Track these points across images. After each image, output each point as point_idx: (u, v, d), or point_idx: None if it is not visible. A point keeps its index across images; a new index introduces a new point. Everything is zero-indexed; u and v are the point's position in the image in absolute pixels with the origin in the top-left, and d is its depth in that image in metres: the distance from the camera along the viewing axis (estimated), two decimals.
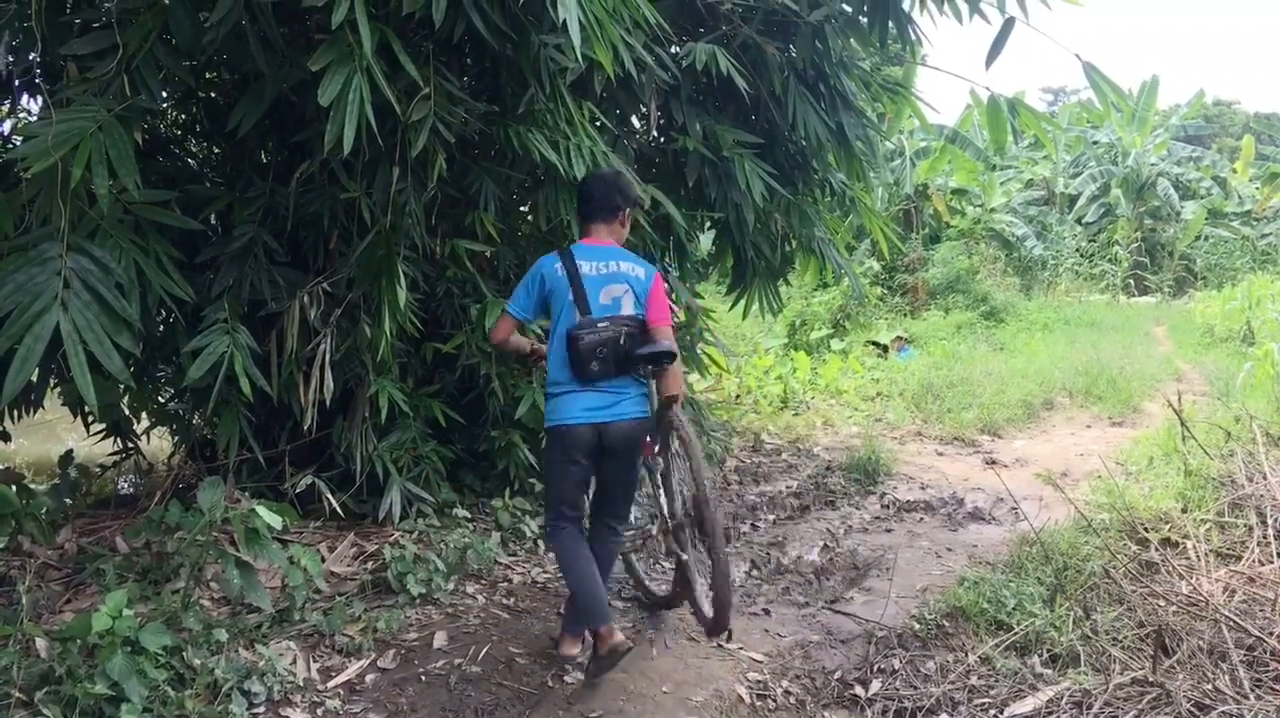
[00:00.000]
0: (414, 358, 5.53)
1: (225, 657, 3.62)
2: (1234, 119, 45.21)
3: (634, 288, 3.94)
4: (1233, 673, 3.69)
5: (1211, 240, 28.32)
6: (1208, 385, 11.41)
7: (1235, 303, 17.27)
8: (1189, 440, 6.70)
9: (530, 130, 4.88)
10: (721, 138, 6.08)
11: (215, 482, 4.00)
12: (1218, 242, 28.20)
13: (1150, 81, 28.76)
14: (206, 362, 4.22)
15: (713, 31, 6.10)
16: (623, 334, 3.83)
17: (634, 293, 3.94)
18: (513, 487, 5.76)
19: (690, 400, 7.53)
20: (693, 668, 4.07)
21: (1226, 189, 30.23)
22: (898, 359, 13.89)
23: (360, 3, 3.61)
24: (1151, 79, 28.77)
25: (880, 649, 4.24)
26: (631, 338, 3.86)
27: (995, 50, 6.15)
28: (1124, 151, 29.16)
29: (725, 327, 13.02)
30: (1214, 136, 40.38)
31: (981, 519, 6.50)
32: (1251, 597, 4.47)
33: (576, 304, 3.84)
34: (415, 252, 5.04)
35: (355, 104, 3.73)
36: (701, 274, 8.01)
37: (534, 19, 4.46)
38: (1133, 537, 5.35)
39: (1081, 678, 3.76)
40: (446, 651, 4.11)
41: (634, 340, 3.86)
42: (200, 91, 5.40)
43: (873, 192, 9.64)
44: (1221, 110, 46.09)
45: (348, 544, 5.07)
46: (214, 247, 4.80)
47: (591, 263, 3.92)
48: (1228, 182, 30.37)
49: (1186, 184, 29.47)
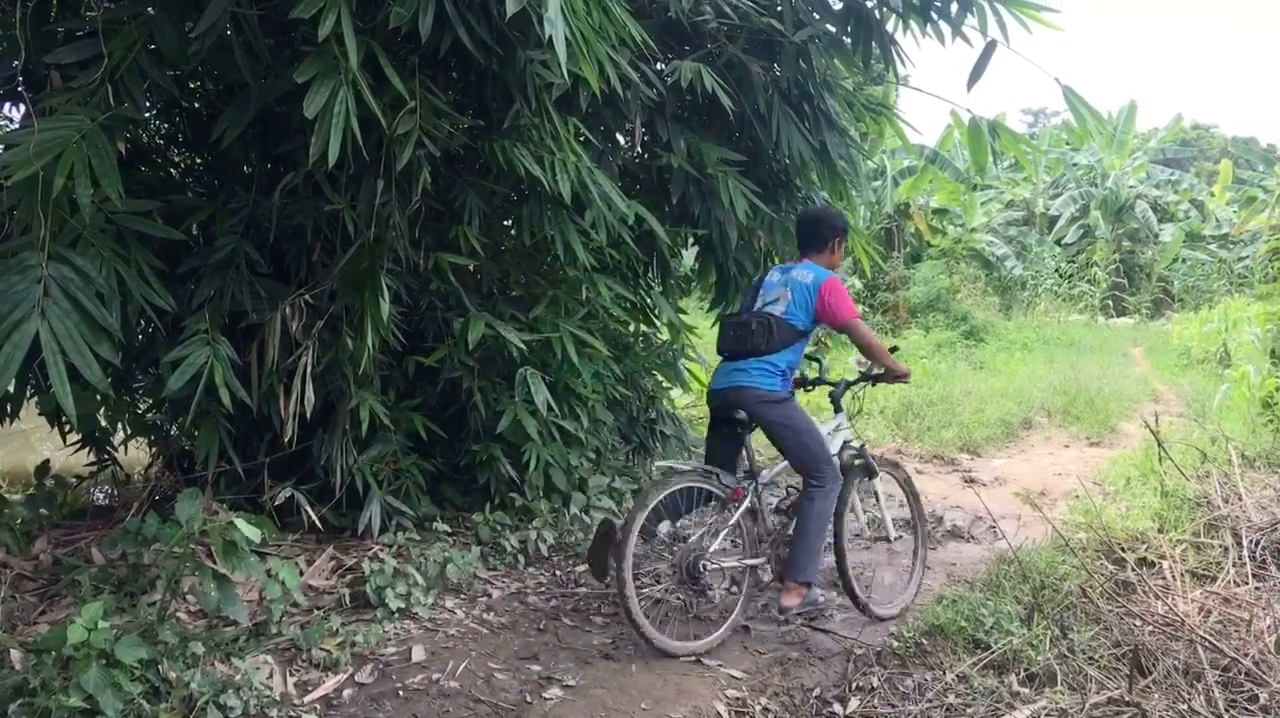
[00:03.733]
0: (396, 371, 5.52)
1: (201, 670, 3.58)
2: (1212, 143, 45.71)
3: (795, 291, 4.75)
4: (1208, 694, 3.71)
5: (1189, 263, 28.63)
6: (1184, 407, 11.51)
7: (1212, 325, 17.44)
8: (1166, 461, 6.74)
9: (515, 145, 4.88)
10: (706, 155, 6.11)
11: (193, 493, 3.97)
12: (1195, 264, 28.51)
13: (1128, 106, 29.11)
14: (186, 372, 4.20)
15: (698, 50, 6.13)
16: (756, 322, 4.67)
17: (793, 294, 4.74)
18: (493, 501, 5.74)
19: (672, 416, 7.55)
20: (671, 685, 4.06)
21: (1204, 212, 30.58)
22: None
23: (347, 15, 3.62)
24: (1129, 103, 29.12)
25: (859, 667, 4.24)
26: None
27: (977, 72, 6.23)
28: (1103, 174, 29.49)
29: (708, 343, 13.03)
30: (1192, 160, 40.82)
31: (960, 538, 6.52)
32: (1227, 618, 4.49)
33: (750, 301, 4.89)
34: (398, 265, 5.03)
35: (340, 116, 3.73)
36: (684, 290, 8.02)
37: (520, 34, 4.47)
38: (1109, 557, 5.37)
39: (1058, 697, 3.77)
40: (425, 665, 4.09)
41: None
42: (184, 102, 5.39)
43: (855, 210, 9.68)
44: (1200, 134, 46.61)
45: (326, 558, 5.05)
46: (196, 257, 4.77)
47: (780, 274, 4.90)
48: (1205, 205, 30.72)
49: (1164, 207, 29.82)
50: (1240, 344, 14.44)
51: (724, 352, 4.80)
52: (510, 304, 5.75)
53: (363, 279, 4.55)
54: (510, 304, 5.75)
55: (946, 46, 6.34)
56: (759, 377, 4.63)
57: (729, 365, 4.74)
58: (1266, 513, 5.64)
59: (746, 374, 4.64)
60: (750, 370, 4.64)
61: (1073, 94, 6.39)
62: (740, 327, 4.70)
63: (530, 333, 5.53)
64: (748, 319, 4.70)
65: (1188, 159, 40.27)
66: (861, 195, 15.17)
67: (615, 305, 6.23)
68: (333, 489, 5.12)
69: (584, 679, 4.05)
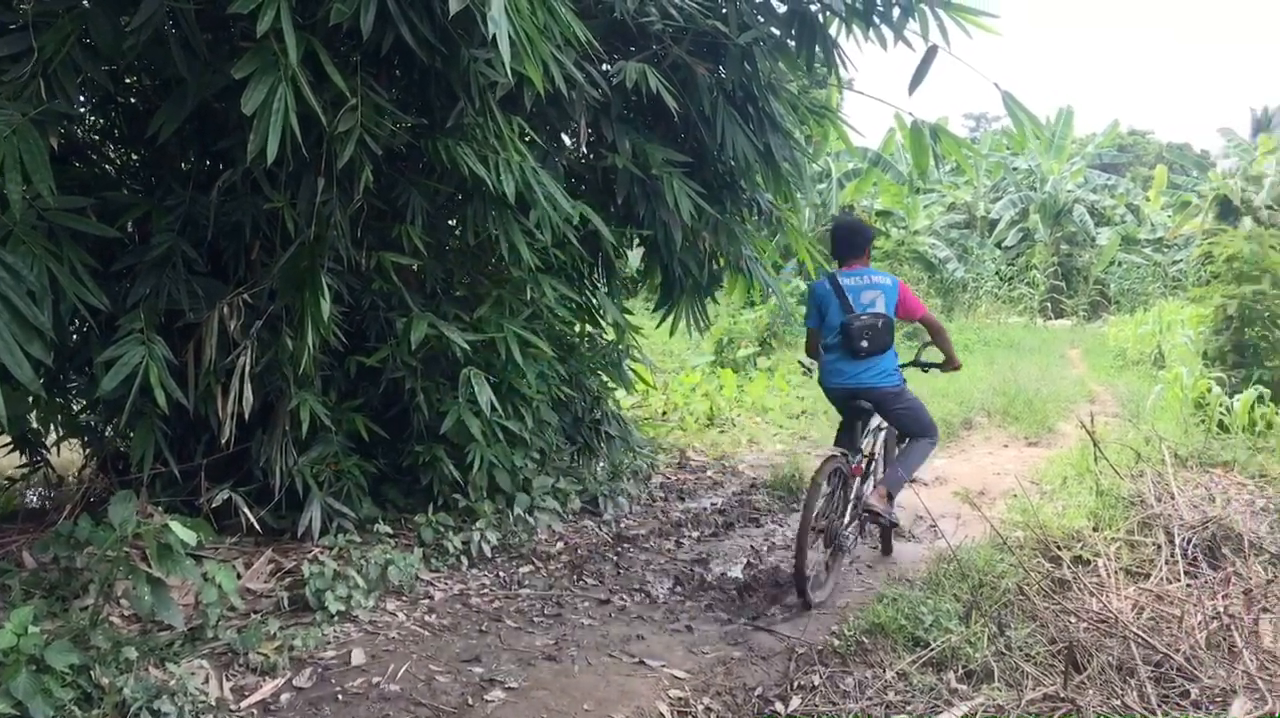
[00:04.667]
0: (337, 371, 5.46)
1: (135, 676, 3.53)
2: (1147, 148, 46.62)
3: (884, 294, 5.39)
4: (1140, 689, 3.79)
5: (1125, 266, 29.21)
6: (1120, 407, 11.72)
7: (1146, 327, 17.80)
8: (1101, 461, 6.87)
9: (459, 144, 4.85)
10: (651, 156, 6.12)
11: (127, 496, 3.90)
12: (1131, 267, 29.10)
13: (1066, 111, 29.65)
14: (120, 372, 4.12)
15: (643, 50, 6.14)
16: (880, 322, 5.30)
17: (884, 297, 5.39)
18: (436, 502, 5.70)
19: (617, 416, 7.55)
20: (614, 686, 4.06)
21: (1139, 216, 31.24)
22: None
23: (286, 11, 3.57)
24: (1067, 109, 29.66)
25: (801, 666, 4.27)
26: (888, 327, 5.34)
27: (918, 77, 6.31)
28: (1042, 178, 30.00)
29: (653, 343, 13.04)
30: (1128, 165, 41.61)
31: (901, 537, 6.59)
32: (1159, 614, 4.59)
33: (843, 307, 5.34)
34: (340, 264, 4.98)
35: (279, 113, 3.68)
36: (630, 291, 8.03)
37: (464, 33, 4.44)
38: (1046, 555, 5.47)
39: (995, 694, 3.83)
40: (365, 669, 4.05)
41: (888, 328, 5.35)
42: (120, 97, 5.28)
43: (800, 212, 9.75)
44: (1136, 140, 47.52)
45: (265, 561, 4.98)
46: (131, 255, 4.68)
47: (852, 279, 5.43)
48: (1141, 209, 31.39)
49: (1101, 211, 30.42)
50: (1174, 346, 14.75)
51: (857, 352, 5.30)
52: (454, 304, 5.71)
53: (303, 278, 4.50)
54: (454, 304, 5.71)
55: (889, 51, 6.41)
56: (885, 378, 5.37)
57: (857, 365, 5.34)
58: (1198, 511, 5.77)
59: (873, 374, 5.35)
60: (875, 370, 5.34)
61: (1011, 99, 6.49)
62: (869, 329, 5.26)
63: (474, 333, 5.50)
64: (872, 321, 5.27)
65: (1124, 164, 41.06)
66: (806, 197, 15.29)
67: (560, 306, 6.22)
68: (272, 491, 5.05)
69: (526, 681, 4.04)
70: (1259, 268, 10.06)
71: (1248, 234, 10.97)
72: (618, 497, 7.00)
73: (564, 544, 6.01)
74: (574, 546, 6.02)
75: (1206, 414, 9.35)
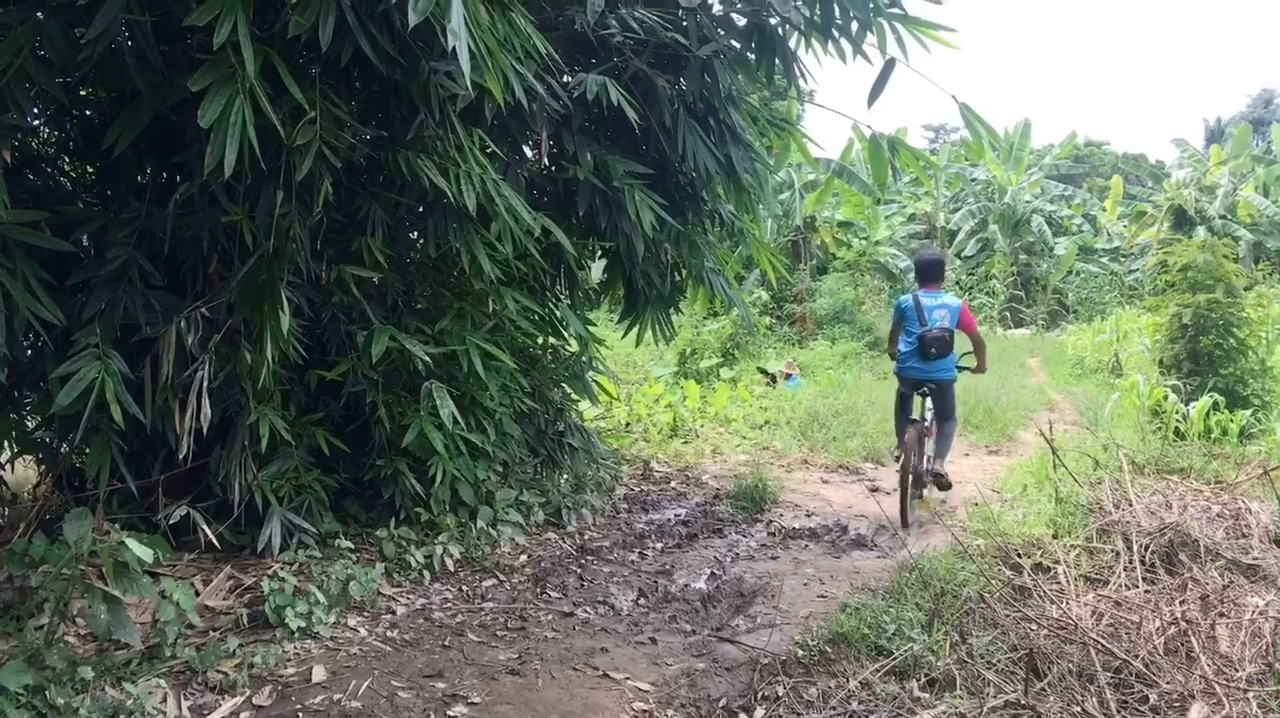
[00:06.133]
0: (297, 385, 5.41)
1: (91, 696, 3.48)
2: (1104, 159, 47.37)
3: (950, 313, 7.34)
4: (1100, 695, 3.83)
5: (1082, 275, 29.65)
6: (1079, 415, 11.87)
7: (1104, 336, 18.05)
8: (1060, 469, 6.95)
9: (419, 156, 4.84)
10: (612, 168, 6.13)
11: (83, 513, 3.85)
12: (1088, 277, 29.54)
13: (1023, 123, 30.13)
14: (76, 388, 4.07)
15: (604, 63, 6.16)
16: (947, 335, 7.31)
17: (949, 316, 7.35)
18: (398, 516, 5.67)
19: (580, 428, 7.54)
20: (578, 699, 4.05)
21: (1096, 226, 31.71)
22: (785, 388, 14.10)
23: (244, 24, 3.55)
24: (1024, 121, 30.14)
25: (765, 676, 4.28)
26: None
27: (877, 89, 6.37)
28: (1000, 189, 30.36)
29: (617, 354, 13.07)
30: (1085, 176, 42.26)
31: (864, 546, 6.63)
32: (1118, 620, 4.64)
33: (920, 321, 7.31)
34: (300, 277, 4.95)
35: (237, 126, 3.66)
36: (593, 302, 8.03)
37: (424, 45, 4.44)
38: (1007, 562, 5.51)
39: (957, 702, 3.85)
40: (325, 686, 4.01)
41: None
42: (75, 109, 5.22)
43: (761, 223, 9.83)
44: (1092, 151, 48.26)
45: (224, 577, 4.93)
46: (86, 269, 4.62)
47: (929, 299, 7.38)
48: (1098, 219, 31.87)
49: (1059, 221, 30.86)
50: (1131, 354, 14.97)
51: (928, 356, 7.30)
52: (415, 317, 5.69)
53: (262, 292, 4.46)
54: (415, 317, 5.69)
55: (848, 64, 6.47)
56: (945, 373, 7.46)
57: (927, 364, 7.36)
58: (1155, 518, 5.84)
59: (938, 371, 7.41)
60: (940, 368, 7.40)
61: (969, 111, 6.57)
62: (938, 340, 7.27)
63: (436, 346, 5.48)
64: (940, 334, 7.27)
65: (1081, 175, 41.70)
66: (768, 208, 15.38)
67: (522, 318, 6.22)
68: (231, 507, 5.00)
69: (489, 696, 4.02)
70: (1213, 277, 10.23)
71: (1201, 243, 11.14)
72: (581, 509, 6.99)
73: (527, 557, 5.99)
74: (537, 558, 6.00)
75: (1163, 422, 9.49)
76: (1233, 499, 6.47)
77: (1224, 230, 26.14)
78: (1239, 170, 28.82)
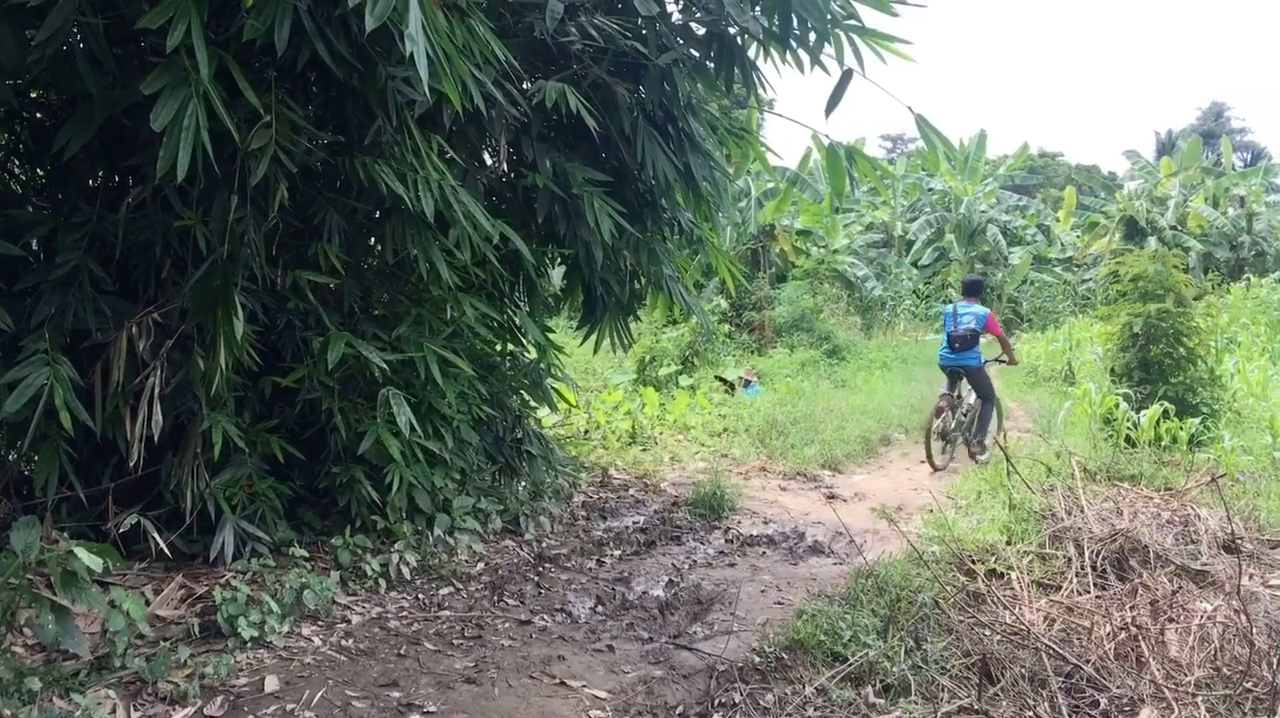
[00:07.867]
0: (251, 392, 5.36)
1: (39, 707, 3.42)
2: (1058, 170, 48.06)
3: (976, 318, 9.53)
4: (1052, 699, 3.88)
5: (1036, 284, 30.04)
6: (1032, 423, 12.03)
7: (1057, 344, 18.32)
8: (1013, 476, 7.03)
9: (377, 162, 4.81)
10: (571, 175, 6.12)
11: (31, 521, 3.77)
12: (1042, 286, 29.94)
13: (979, 134, 30.49)
14: (24, 394, 4.01)
15: (563, 70, 6.15)
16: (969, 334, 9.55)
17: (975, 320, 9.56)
18: (354, 524, 5.62)
19: (538, 435, 7.52)
20: (535, 707, 4.04)
21: (1050, 236, 32.19)
22: (744, 396, 14.15)
23: (197, 27, 3.52)
24: (980, 132, 30.52)
25: (721, 683, 4.29)
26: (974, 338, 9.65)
27: (834, 100, 6.41)
28: (956, 199, 30.72)
29: (576, 362, 13.05)
30: (1039, 187, 42.85)
31: (821, 553, 6.67)
32: (1070, 626, 4.71)
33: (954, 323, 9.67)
34: (255, 282, 4.90)
35: (191, 130, 3.62)
36: (552, 309, 8.02)
37: (381, 50, 4.41)
38: (961, 568, 5.57)
39: (912, 707, 3.89)
40: (278, 696, 3.97)
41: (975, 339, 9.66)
42: (25, 112, 5.15)
43: (720, 231, 9.89)
44: (1046, 162, 48.96)
45: (175, 586, 4.86)
46: (35, 273, 4.55)
47: (963, 308, 9.65)
48: (1051, 229, 32.36)
49: (1014, 231, 31.29)
50: (1083, 363, 15.19)
51: (954, 348, 9.60)
52: (372, 323, 5.65)
53: (215, 297, 4.41)
54: (372, 323, 5.65)
55: (805, 74, 6.51)
56: (971, 360, 9.63)
57: (956, 354, 9.62)
58: (1106, 524, 5.93)
59: (964, 359, 9.63)
60: (966, 357, 9.61)
61: (925, 122, 6.63)
62: (961, 338, 9.52)
63: (393, 352, 5.44)
64: (964, 333, 9.50)
65: (1035, 185, 42.27)
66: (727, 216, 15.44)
67: (481, 324, 6.19)
68: (183, 515, 4.93)
69: (445, 705, 4.00)
70: (1163, 287, 10.43)
71: (1152, 254, 11.35)
72: (539, 516, 6.97)
73: (484, 565, 5.97)
74: (495, 566, 5.97)
75: (1115, 429, 9.64)
76: (1182, 506, 6.58)
77: (1174, 241, 26.64)
78: (1189, 182, 29.38)
